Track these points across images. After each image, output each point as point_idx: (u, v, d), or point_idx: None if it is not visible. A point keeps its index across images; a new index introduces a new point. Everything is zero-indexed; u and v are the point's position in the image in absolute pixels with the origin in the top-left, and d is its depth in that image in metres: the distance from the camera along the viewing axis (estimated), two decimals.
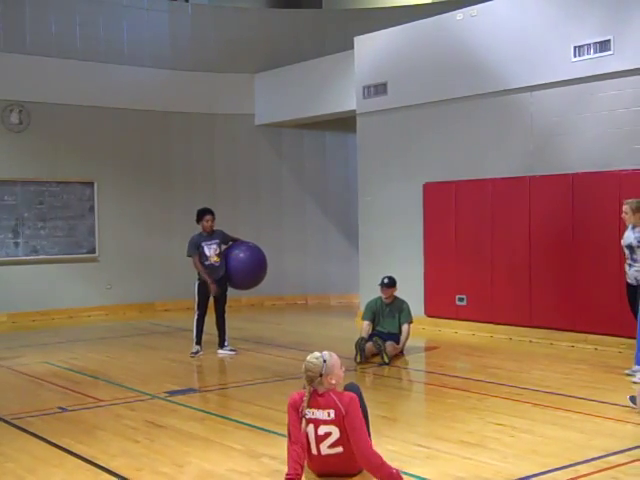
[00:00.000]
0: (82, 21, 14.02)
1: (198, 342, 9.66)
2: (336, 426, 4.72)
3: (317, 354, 4.85)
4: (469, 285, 11.15)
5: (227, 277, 9.64)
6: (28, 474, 5.13)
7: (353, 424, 4.68)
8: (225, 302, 9.81)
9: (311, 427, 4.75)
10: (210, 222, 9.61)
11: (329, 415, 4.73)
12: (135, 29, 14.51)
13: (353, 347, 8.88)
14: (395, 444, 5.50)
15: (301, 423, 4.74)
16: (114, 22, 14.32)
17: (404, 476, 4.68)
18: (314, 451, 4.80)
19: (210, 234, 9.64)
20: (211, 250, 9.55)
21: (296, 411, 4.77)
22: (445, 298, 11.42)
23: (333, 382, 4.80)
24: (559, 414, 6.47)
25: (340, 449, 4.75)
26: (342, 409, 4.71)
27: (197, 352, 9.59)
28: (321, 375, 4.76)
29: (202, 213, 9.69)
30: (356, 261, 13.20)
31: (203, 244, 9.56)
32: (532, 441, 5.68)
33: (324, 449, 4.77)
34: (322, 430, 4.74)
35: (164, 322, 13.06)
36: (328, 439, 4.74)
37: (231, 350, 9.71)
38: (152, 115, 14.59)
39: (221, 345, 9.77)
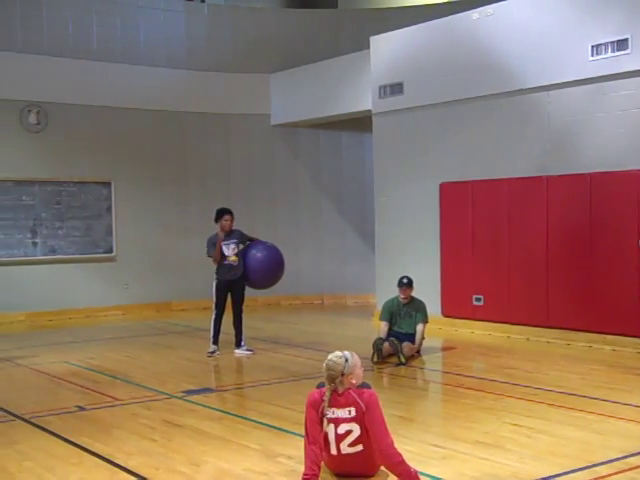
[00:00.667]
0: (99, 22, 14.09)
1: (215, 342, 9.69)
2: (357, 423, 4.71)
3: (339, 353, 4.84)
4: (486, 285, 11.12)
5: (245, 277, 9.67)
6: (46, 472, 5.17)
7: (373, 420, 4.69)
8: (242, 302, 9.84)
9: (331, 426, 4.74)
10: (229, 222, 9.66)
11: (350, 413, 4.72)
12: (151, 30, 14.57)
13: (370, 347, 8.88)
14: (411, 444, 5.49)
15: (321, 423, 4.73)
16: (130, 23, 14.39)
17: (420, 476, 4.67)
18: (334, 451, 4.79)
19: (228, 234, 9.68)
20: (229, 249, 9.60)
21: (316, 410, 4.74)
22: (462, 298, 11.39)
23: (354, 382, 4.80)
24: (576, 415, 6.44)
25: (360, 447, 4.75)
26: (362, 405, 4.72)
27: (214, 352, 9.62)
28: (342, 374, 4.75)
29: (221, 213, 9.74)
30: (372, 261, 13.20)
31: (222, 244, 9.60)
32: (549, 442, 5.66)
33: (344, 448, 4.76)
34: (342, 429, 4.73)
35: (181, 322, 13.11)
36: (348, 437, 4.73)
37: (248, 350, 9.73)
38: (168, 115, 14.65)
39: (238, 345, 9.80)
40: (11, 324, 12.98)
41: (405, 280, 9.39)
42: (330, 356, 4.84)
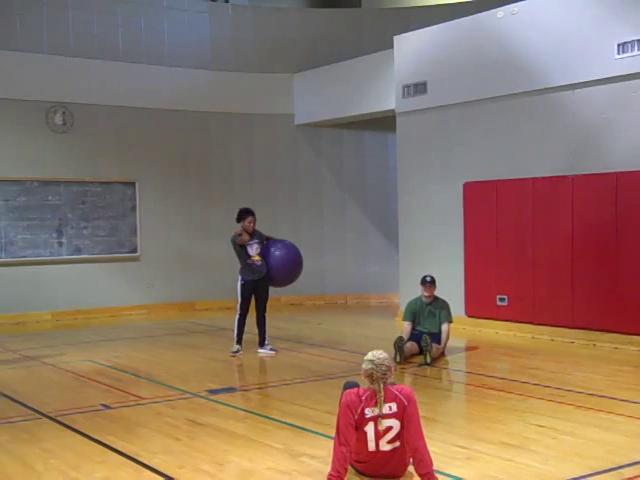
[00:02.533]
0: (124, 23, 14.18)
1: (238, 341, 9.71)
2: (397, 419, 4.70)
3: (376, 351, 4.82)
4: (510, 285, 11.05)
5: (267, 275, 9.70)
6: (72, 470, 5.21)
7: (412, 416, 4.69)
8: (267, 301, 9.87)
9: (371, 424, 4.70)
10: (251, 223, 9.70)
11: (390, 409, 4.71)
12: (175, 30, 14.64)
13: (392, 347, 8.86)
14: (435, 445, 5.45)
15: (356, 424, 4.65)
16: (155, 24, 14.46)
17: (444, 477, 4.65)
18: (372, 448, 4.74)
19: (251, 234, 9.72)
20: (253, 249, 9.64)
21: (352, 411, 4.69)
22: (486, 298, 11.34)
23: (392, 376, 4.81)
24: (602, 416, 6.39)
25: (397, 444, 4.74)
26: (404, 400, 4.71)
27: (237, 351, 9.64)
28: (391, 369, 4.76)
29: (244, 213, 9.76)
30: (396, 261, 13.17)
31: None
32: (574, 443, 5.61)
33: (383, 445, 4.73)
34: (383, 425, 4.70)
35: (204, 321, 13.15)
36: (389, 434, 4.71)
37: (271, 349, 9.75)
38: (192, 115, 14.71)
39: (261, 344, 9.82)
40: (37, 323, 13.10)
41: (428, 278, 9.37)
42: (372, 357, 4.77)
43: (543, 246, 10.64)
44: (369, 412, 4.70)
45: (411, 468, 4.80)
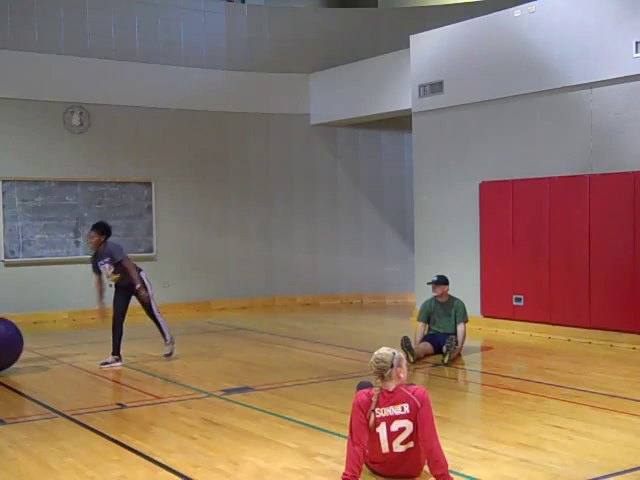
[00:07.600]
0: (140, 23, 14.24)
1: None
2: (410, 420, 4.69)
3: (385, 348, 4.83)
4: (526, 285, 11.00)
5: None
6: (88, 469, 5.23)
7: (426, 417, 4.67)
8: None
9: (383, 425, 4.70)
10: (90, 239, 9.27)
11: (403, 409, 4.70)
12: (192, 31, 14.69)
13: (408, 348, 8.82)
14: (450, 445, 5.44)
15: (368, 424, 4.66)
16: (172, 24, 14.51)
17: (459, 478, 4.63)
18: (385, 449, 4.74)
19: (96, 253, 9.25)
20: (105, 269, 9.22)
21: (363, 411, 4.69)
22: (502, 298, 11.29)
23: (402, 376, 4.78)
24: (619, 417, 6.34)
25: (411, 444, 4.73)
26: (417, 402, 4.70)
27: (107, 363, 9.04)
28: (392, 366, 4.73)
29: None
30: (412, 260, 13.14)
31: (97, 263, 9.26)
32: (591, 444, 5.58)
33: (396, 446, 4.73)
34: (396, 426, 4.69)
35: (220, 321, 13.18)
36: (401, 435, 4.70)
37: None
38: (209, 115, 14.75)
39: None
40: (54, 322, 13.18)
41: (435, 278, 9.34)
42: (376, 353, 4.81)
43: (560, 246, 10.58)
44: (379, 412, 4.70)
45: (427, 468, 4.79)
